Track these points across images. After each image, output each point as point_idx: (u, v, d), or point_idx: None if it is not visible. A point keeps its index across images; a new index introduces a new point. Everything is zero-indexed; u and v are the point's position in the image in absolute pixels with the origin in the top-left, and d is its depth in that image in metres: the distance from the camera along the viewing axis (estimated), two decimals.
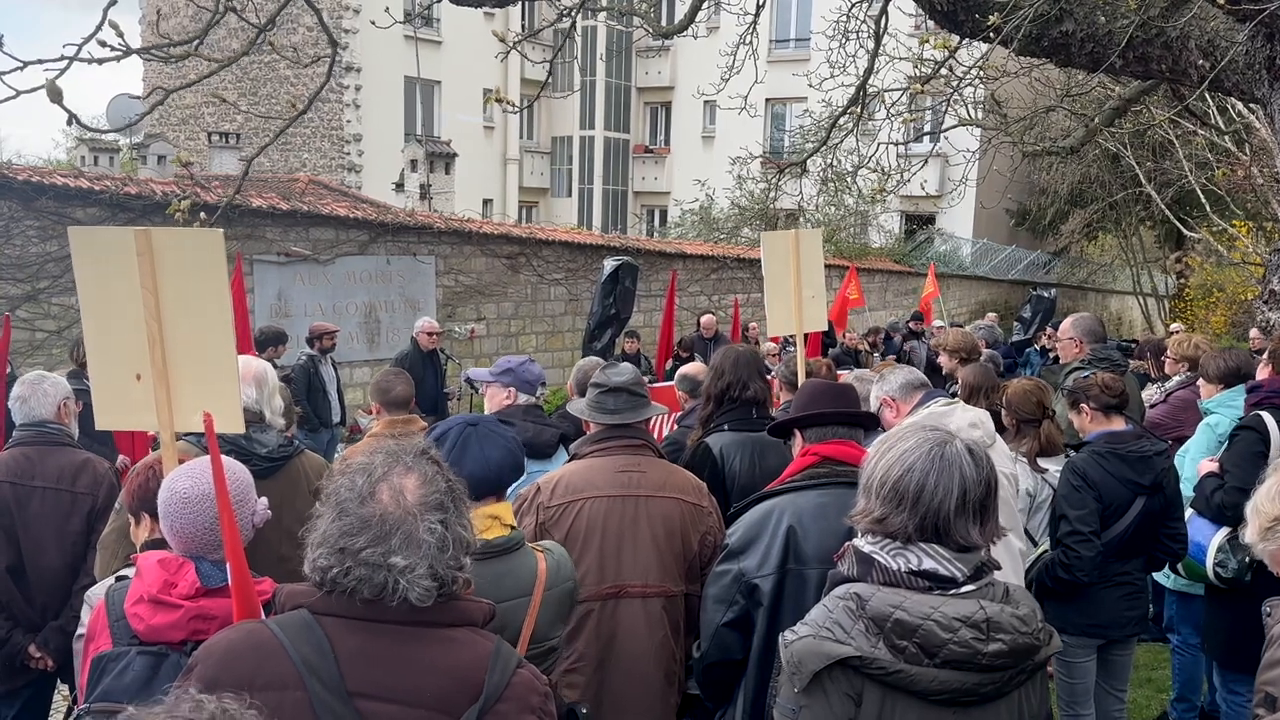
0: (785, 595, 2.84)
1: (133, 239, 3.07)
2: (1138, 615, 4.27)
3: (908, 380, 3.85)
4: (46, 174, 10.78)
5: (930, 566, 1.95)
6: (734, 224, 25.95)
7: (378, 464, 1.78)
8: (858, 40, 9.83)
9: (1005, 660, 1.92)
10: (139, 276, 3.04)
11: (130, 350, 3.05)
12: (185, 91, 27.68)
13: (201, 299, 3.07)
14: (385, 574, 1.69)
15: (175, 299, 3.06)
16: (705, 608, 3.02)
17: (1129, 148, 20.02)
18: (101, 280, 3.13)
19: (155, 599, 2.33)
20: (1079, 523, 3.97)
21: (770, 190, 13.16)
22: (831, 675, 1.91)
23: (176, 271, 3.06)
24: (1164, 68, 6.75)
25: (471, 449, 2.65)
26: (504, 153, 33.06)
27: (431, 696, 1.70)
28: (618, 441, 3.44)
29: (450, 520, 1.77)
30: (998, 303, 27.44)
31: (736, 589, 2.90)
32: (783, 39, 30.88)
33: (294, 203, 12.50)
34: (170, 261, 3.06)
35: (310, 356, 9.57)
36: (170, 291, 3.06)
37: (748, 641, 2.93)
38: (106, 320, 3.11)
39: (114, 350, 3.09)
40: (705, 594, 3.05)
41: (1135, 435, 4.20)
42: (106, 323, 3.11)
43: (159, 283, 3.06)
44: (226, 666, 1.70)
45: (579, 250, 16.32)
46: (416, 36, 25.32)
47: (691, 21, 9.13)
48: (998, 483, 2.05)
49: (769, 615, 2.86)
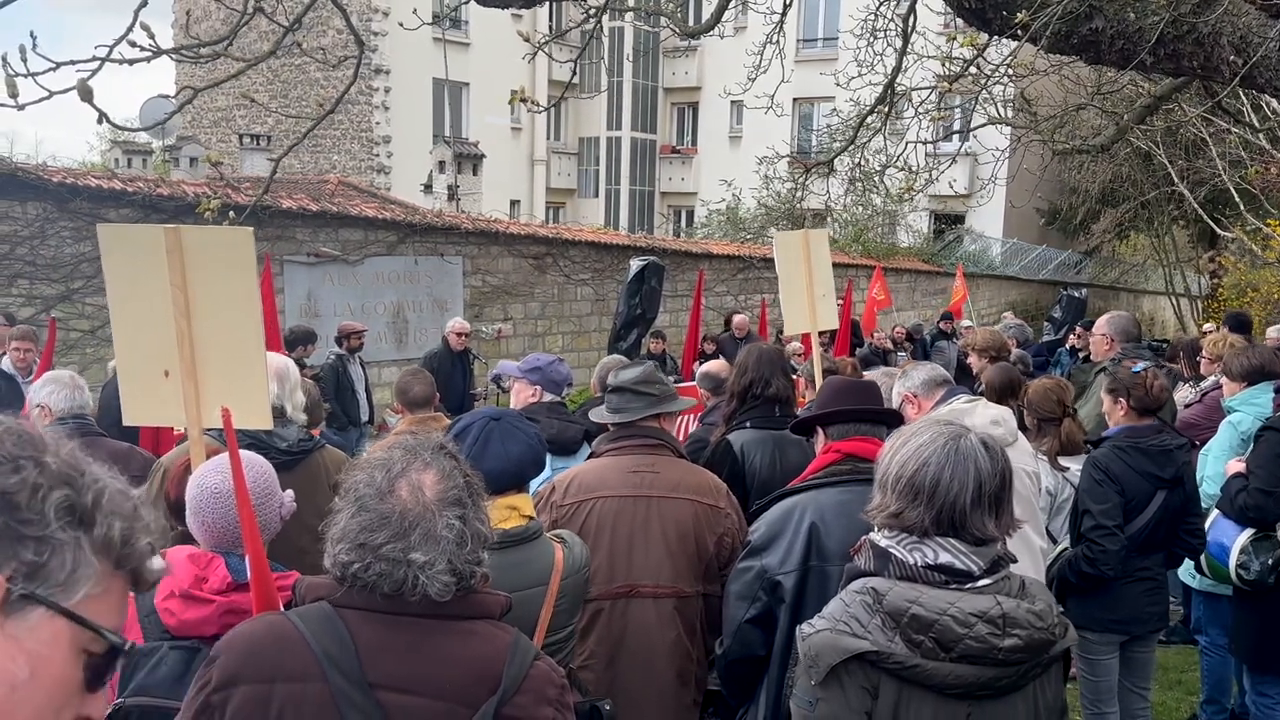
0: (808, 592, 2.84)
1: (163, 236, 3.11)
2: (1159, 611, 4.25)
3: (929, 377, 3.83)
4: (81, 175, 10.93)
5: (947, 560, 1.96)
6: (760, 224, 25.89)
7: (396, 459, 1.80)
8: (886, 39, 9.78)
9: (1021, 655, 1.92)
10: (169, 274, 3.08)
11: (159, 347, 3.08)
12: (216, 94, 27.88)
13: (231, 296, 3.10)
14: (405, 569, 1.70)
15: (205, 296, 3.09)
16: (727, 604, 3.03)
17: (1161, 146, 19.77)
18: (130, 277, 3.16)
19: (187, 594, 2.36)
20: (1102, 516, 3.94)
21: (797, 190, 13.09)
22: (848, 669, 1.92)
23: (206, 269, 3.10)
24: (1195, 64, 6.66)
25: (494, 444, 2.67)
26: (531, 154, 33.16)
27: (451, 688, 1.71)
28: (633, 441, 3.44)
29: (468, 515, 1.78)
30: (1028, 303, 27.22)
31: (759, 585, 2.90)
32: (810, 38, 30.78)
33: (323, 204, 12.62)
34: (200, 259, 3.09)
35: (339, 356, 9.66)
36: (200, 289, 3.09)
37: (770, 638, 2.93)
38: (135, 317, 3.15)
39: (142, 347, 3.13)
40: (727, 590, 3.05)
41: (1156, 429, 4.17)
42: (135, 319, 3.15)
43: (189, 280, 3.09)
44: (248, 658, 1.72)
45: (605, 250, 16.35)
46: (445, 39, 25.46)
47: (718, 21, 9.12)
48: (1013, 475, 2.05)
49: (791, 612, 2.86)
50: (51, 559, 0.98)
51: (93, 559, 1.01)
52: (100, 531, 1.02)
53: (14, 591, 0.95)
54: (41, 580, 0.97)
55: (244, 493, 2.25)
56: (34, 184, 10.03)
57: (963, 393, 3.77)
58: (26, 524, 0.97)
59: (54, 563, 0.98)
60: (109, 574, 1.03)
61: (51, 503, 0.99)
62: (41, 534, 0.98)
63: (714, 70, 31.84)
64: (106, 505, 1.03)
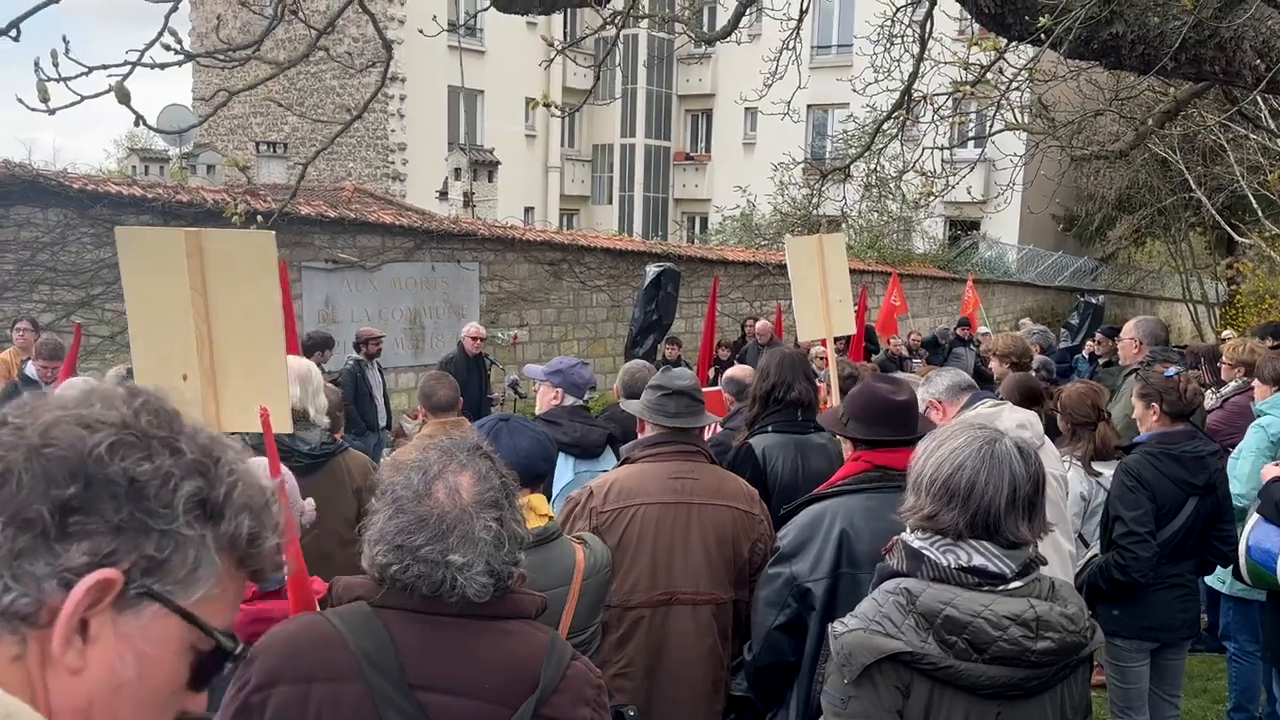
0: (838, 599, 2.83)
1: (183, 240, 3.11)
2: (1190, 618, 4.22)
3: (954, 382, 3.81)
4: (101, 182, 11.02)
5: (980, 563, 1.96)
6: (776, 230, 25.89)
7: (432, 461, 1.80)
8: (903, 44, 9.77)
9: (1053, 657, 1.93)
10: (189, 277, 3.08)
11: (177, 351, 3.07)
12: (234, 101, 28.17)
13: (252, 300, 3.09)
14: (444, 571, 1.70)
15: (225, 300, 3.08)
16: (756, 610, 3.02)
17: (1178, 152, 19.69)
18: (149, 280, 3.15)
19: None
20: (1134, 523, 3.91)
21: (813, 196, 13.08)
22: (881, 668, 1.93)
23: (227, 273, 3.09)
24: (1217, 69, 6.62)
25: (503, 439, 2.68)
26: (545, 161, 33.24)
27: (490, 688, 1.72)
28: (672, 447, 3.42)
29: (505, 517, 1.78)
30: (1044, 309, 27.12)
31: (789, 592, 2.89)
32: (824, 45, 30.77)
33: (341, 210, 12.67)
34: (221, 263, 3.09)
35: (357, 361, 9.69)
36: (220, 293, 3.09)
37: (799, 643, 2.92)
38: (153, 320, 3.14)
39: (160, 350, 3.12)
40: (756, 596, 3.04)
41: (1188, 435, 4.14)
42: (153, 323, 3.13)
43: (209, 284, 3.09)
44: (287, 658, 1.72)
45: (621, 257, 16.37)
46: (461, 46, 25.56)
47: (735, 28, 9.11)
48: (1045, 478, 2.04)
49: (822, 618, 2.83)
50: (174, 555, 0.92)
51: (215, 558, 0.95)
52: (228, 529, 0.97)
53: (131, 587, 0.90)
54: (160, 576, 0.91)
55: (283, 495, 2.25)
56: (55, 191, 10.10)
57: (987, 397, 3.75)
58: (153, 516, 0.91)
59: (176, 559, 0.92)
60: (230, 573, 0.98)
61: (182, 494, 0.93)
62: (167, 528, 0.92)
63: (728, 77, 31.87)
64: (238, 500, 0.98)
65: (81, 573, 0.87)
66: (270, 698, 1.69)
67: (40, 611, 0.87)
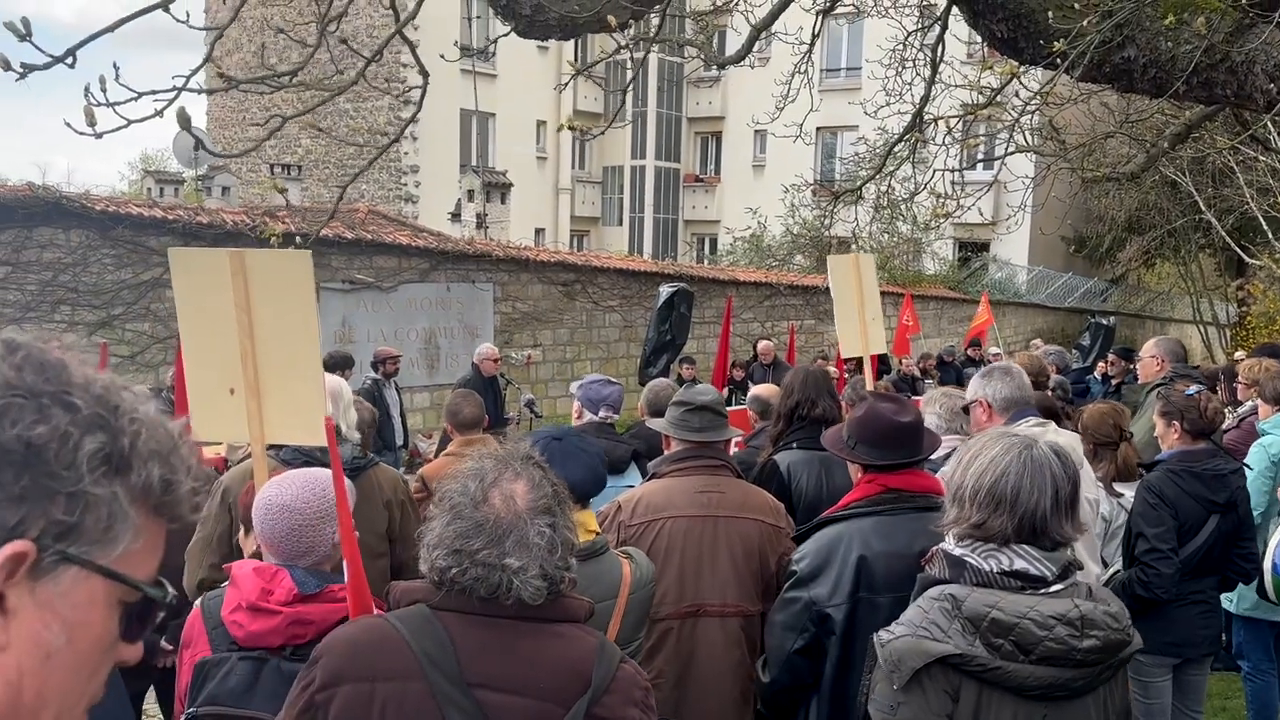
0: (858, 623, 2.85)
1: (227, 260, 3.22)
2: (1212, 634, 4.26)
3: (1011, 395, 3.78)
4: (122, 204, 11.16)
5: (1022, 566, 2.03)
6: (786, 251, 26.00)
7: (488, 469, 1.87)
8: (915, 68, 9.88)
9: (1099, 655, 1.99)
10: (233, 295, 3.18)
11: (224, 365, 3.18)
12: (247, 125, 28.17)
13: (291, 316, 3.19)
14: (500, 574, 1.77)
15: (267, 317, 3.18)
16: (773, 634, 3.02)
17: (1188, 174, 19.77)
18: (198, 298, 3.27)
19: (254, 606, 2.42)
20: (1157, 540, 3.95)
21: (825, 217, 13.19)
22: (930, 673, 1.98)
23: (268, 290, 3.19)
24: (1229, 93, 6.70)
25: (554, 465, 2.73)
26: (556, 182, 33.46)
27: (544, 688, 1.78)
28: (698, 461, 3.48)
29: (557, 523, 1.86)
30: (1054, 330, 27.12)
31: (807, 617, 2.90)
32: (833, 68, 30.96)
33: (359, 232, 12.80)
34: (262, 281, 3.19)
35: (375, 381, 9.78)
36: (262, 310, 3.19)
37: (817, 666, 2.94)
38: (202, 336, 3.25)
39: (209, 364, 3.22)
40: (773, 620, 3.04)
41: (1210, 453, 4.18)
42: (202, 339, 3.25)
43: (252, 301, 3.19)
44: (350, 658, 1.79)
45: (633, 277, 16.47)
46: (475, 71, 25.79)
47: (749, 52, 9.23)
48: (1081, 477, 2.12)
49: (841, 643, 2.87)
50: (85, 515, 0.87)
51: (130, 510, 0.90)
52: (138, 479, 0.91)
53: (45, 555, 0.85)
54: (74, 539, 0.86)
55: (344, 501, 2.32)
56: (78, 212, 10.25)
57: (1032, 414, 3.75)
58: (56, 479, 0.85)
59: (88, 519, 0.87)
60: (146, 523, 0.93)
61: (85, 452, 0.87)
62: (74, 489, 0.86)
63: (737, 100, 32.10)
64: (144, 448, 0.92)
65: None
66: (335, 696, 1.76)
67: None
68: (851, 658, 2.87)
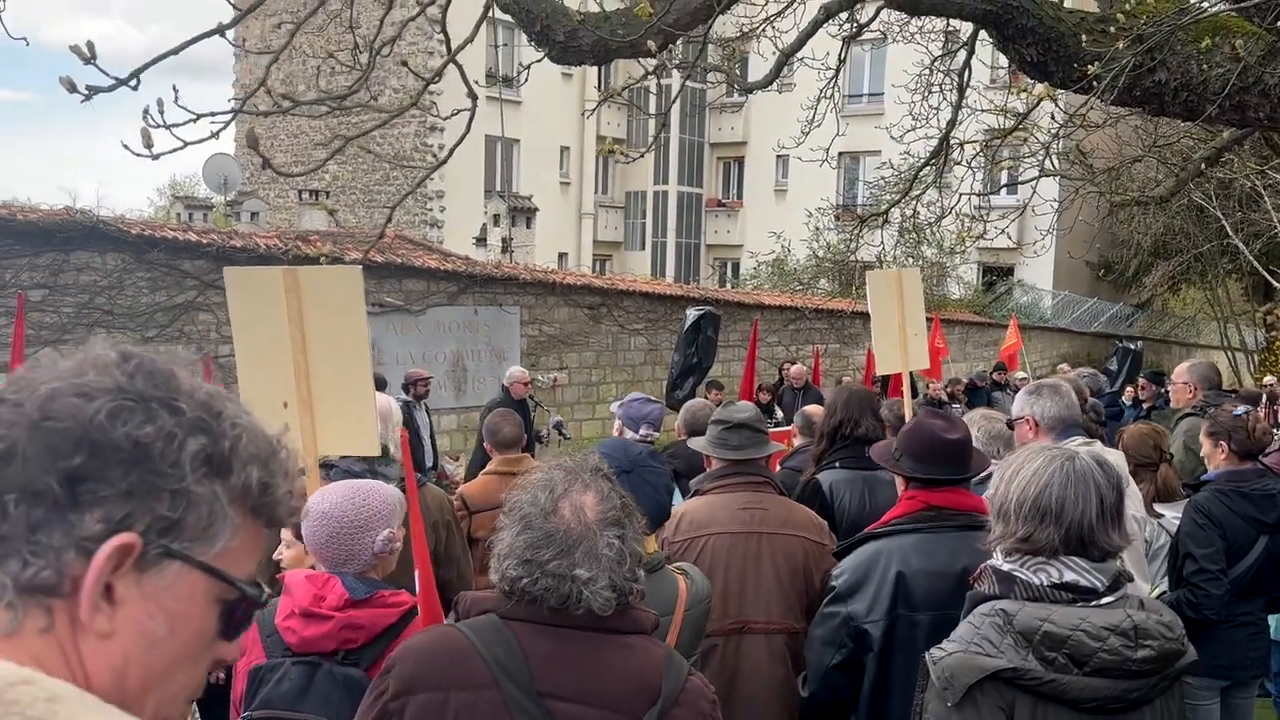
0: (895, 640, 2.87)
1: (281, 276, 3.28)
2: (1260, 656, 4.23)
3: (1060, 414, 3.78)
4: (158, 228, 11.34)
5: (1071, 578, 2.03)
6: (810, 275, 26.00)
7: (558, 481, 1.90)
8: (941, 93, 9.93)
9: (1154, 666, 1.98)
10: (286, 311, 3.25)
11: (278, 379, 3.24)
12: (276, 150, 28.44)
13: (342, 332, 3.26)
14: (570, 584, 1.79)
15: (319, 333, 3.25)
16: (812, 649, 3.05)
17: (1215, 198, 19.67)
18: (252, 315, 3.35)
19: (307, 612, 2.46)
20: (1206, 561, 3.93)
21: (850, 241, 13.20)
22: (984, 689, 1.97)
23: (320, 307, 3.26)
24: (1261, 115, 6.71)
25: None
26: (579, 207, 33.63)
27: (614, 698, 1.79)
28: (739, 478, 3.50)
29: (626, 535, 1.87)
30: (1080, 355, 26.95)
31: (845, 632, 2.92)
32: (855, 94, 31.08)
33: (388, 255, 12.92)
34: (314, 298, 3.26)
35: (405, 402, 9.83)
36: (314, 326, 3.26)
37: (855, 682, 2.96)
38: (257, 351, 3.32)
39: (263, 379, 3.29)
40: (812, 635, 3.07)
41: (1258, 474, 4.17)
42: (257, 354, 3.32)
43: (305, 317, 3.26)
44: (423, 667, 1.81)
45: (659, 301, 16.53)
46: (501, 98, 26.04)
47: (777, 77, 9.32)
48: (1124, 485, 2.12)
49: (880, 659, 2.88)
50: (187, 513, 0.93)
51: (229, 510, 0.97)
52: (238, 481, 0.97)
53: (150, 548, 0.91)
54: (176, 534, 0.93)
55: (416, 510, 2.36)
56: (114, 236, 10.41)
57: (1078, 434, 3.74)
58: (162, 476, 0.92)
59: (190, 516, 0.94)
60: (245, 523, 0.99)
61: (188, 453, 0.93)
62: (177, 486, 0.93)
63: (760, 125, 32.20)
64: (244, 452, 0.98)
65: (99, 539, 0.89)
66: (408, 705, 1.78)
67: (63, 582, 0.89)
68: (889, 675, 2.88)
